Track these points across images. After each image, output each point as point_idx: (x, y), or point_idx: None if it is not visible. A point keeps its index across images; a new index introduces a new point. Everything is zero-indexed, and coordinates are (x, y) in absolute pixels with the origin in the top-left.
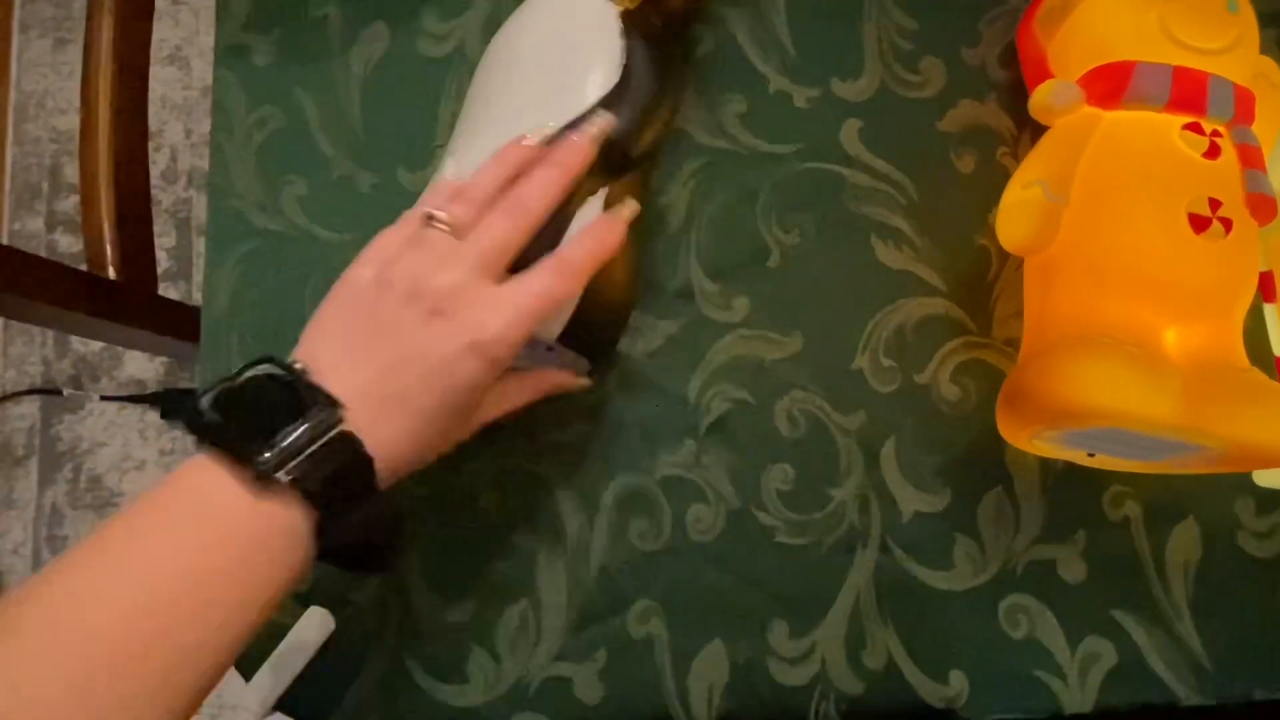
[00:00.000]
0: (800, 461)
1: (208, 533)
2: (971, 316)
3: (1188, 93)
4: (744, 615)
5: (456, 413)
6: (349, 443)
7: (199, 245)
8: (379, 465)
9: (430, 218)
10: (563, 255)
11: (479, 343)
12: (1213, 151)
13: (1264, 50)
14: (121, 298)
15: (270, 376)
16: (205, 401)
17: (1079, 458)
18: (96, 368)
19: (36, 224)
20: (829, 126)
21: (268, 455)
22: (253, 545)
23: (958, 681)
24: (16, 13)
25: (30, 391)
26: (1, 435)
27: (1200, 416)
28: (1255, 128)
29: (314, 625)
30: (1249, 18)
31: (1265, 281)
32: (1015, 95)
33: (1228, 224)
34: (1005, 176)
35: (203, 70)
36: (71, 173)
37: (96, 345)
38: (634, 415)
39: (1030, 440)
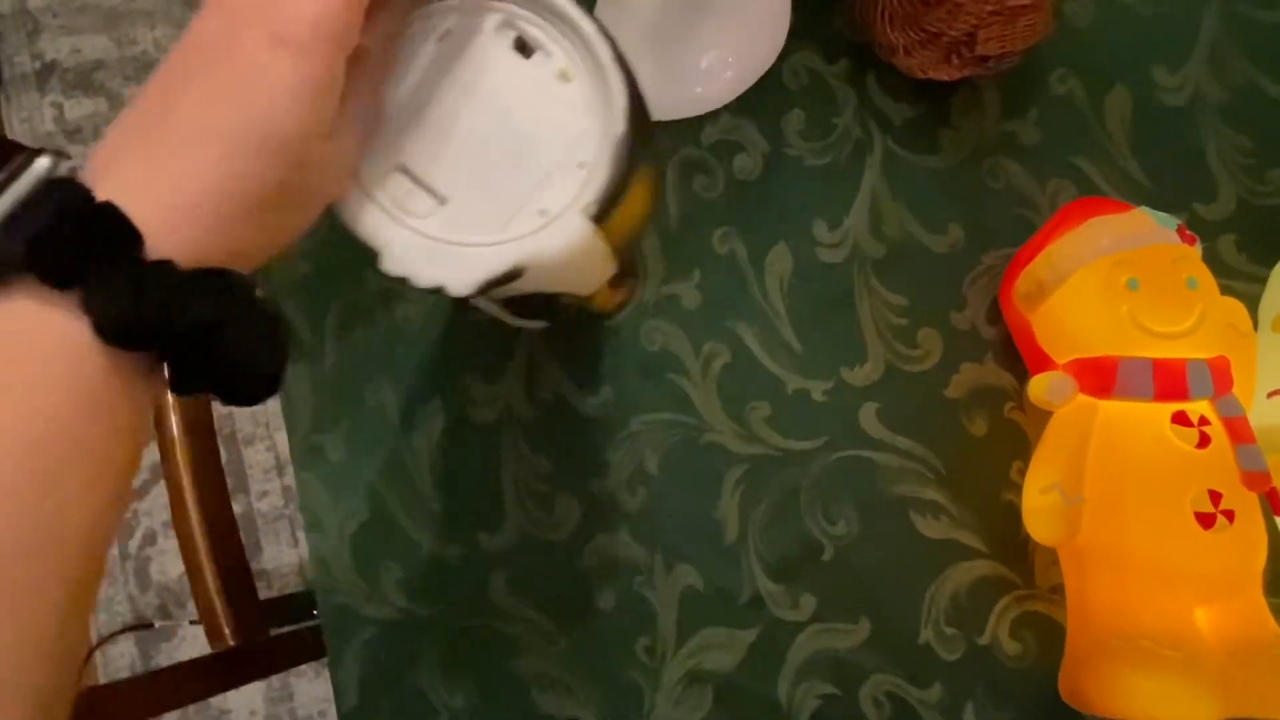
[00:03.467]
0: None
1: None
2: (1015, 571)
3: (1169, 385)
4: None
5: (276, 134)
6: (60, 188)
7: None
8: (165, 222)
9: None
10: None
11: (276, 32)
12: (1203, 441)
13: (1224, 253)
14: (244, 658)
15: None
16: None
17: None
18: (180, 594)
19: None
20: (848, 414)
21: None
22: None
23: None
24: None
25: (125, 630)
26: (107, 677)
27: (1243, 705)
28: (1235, 379)
29: None
30: (1209, 287)
31: (1275, 497)
32: (1009, 350)
33: (1231, 515)
34: (1016, 432)
35: None
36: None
37: (176, 572)
38: None
39: None
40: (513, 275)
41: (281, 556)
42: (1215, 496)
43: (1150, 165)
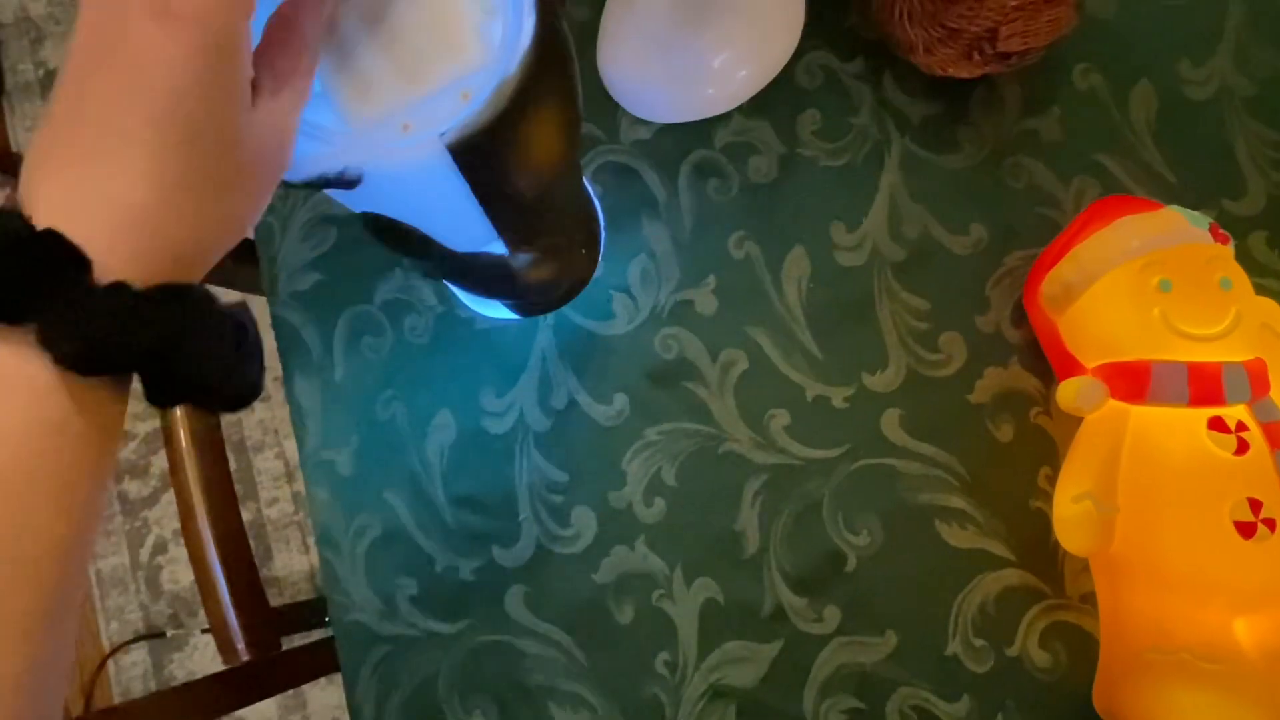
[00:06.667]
0: None
1: None
2: (1044, 580)
3: (1205, 389)
4: None
5: (193, 122)
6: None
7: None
8: (108, 242)
9: None
10: None
11: (157, 7)
12: (1241, 448)
13: (1255, 250)
14: (257, 674)
15: None
16: None
17: None
18: (191, 602)
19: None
20: (870, 421)
21: None
22: None
23: None
24: None
25: (137, 639)
26: (120, 686)
27: None
28: (1273, 382)
29: None
30: (1243, 287)
31: None
32: (1034, 354)
33: (1271, 524)
34: (1044, 438)
35: None
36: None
37: (187, 581)
38: None
39: None
40: (347, 180)
41: (293, 564)
42: (1255, 505)
43: (1177, 161)
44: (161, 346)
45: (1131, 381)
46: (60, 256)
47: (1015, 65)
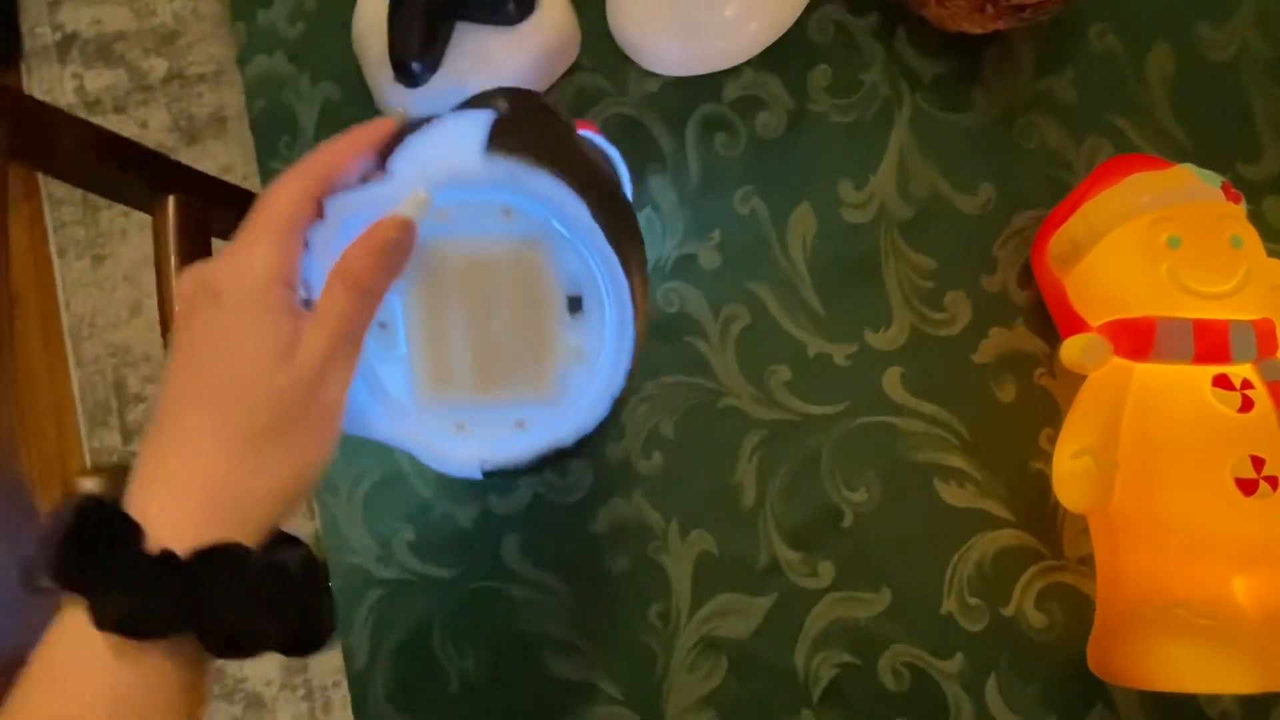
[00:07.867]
0: (913, 714)
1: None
2: (1042, 541)
3: (1211, 346)
4: None
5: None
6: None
7: None
8: (164, 511)
9: None
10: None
11: (211, 288)
12: (1246, 405)
13: (1270, 214)
14: None
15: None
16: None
17: None
18: None
19: (113, 438)
20: (872, 379)
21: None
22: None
23: None
24: (52, 239)
25: None
26: None
27: None
28: None
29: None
30: (1254, 246)
31: None
32: (1040, 315)
33: (1274, 482)
34: (1047, 399)
35: None
36: (135, 382)
37: None
38: (749, 696)
39: None
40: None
41: (298, 527)
42: (1258, 462)
43: (1192, 124)
44: (194, 607)
45: (1136, 338)
46: (114, 528)
47: (1029, 20)
